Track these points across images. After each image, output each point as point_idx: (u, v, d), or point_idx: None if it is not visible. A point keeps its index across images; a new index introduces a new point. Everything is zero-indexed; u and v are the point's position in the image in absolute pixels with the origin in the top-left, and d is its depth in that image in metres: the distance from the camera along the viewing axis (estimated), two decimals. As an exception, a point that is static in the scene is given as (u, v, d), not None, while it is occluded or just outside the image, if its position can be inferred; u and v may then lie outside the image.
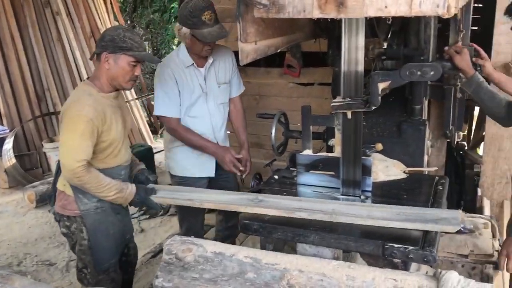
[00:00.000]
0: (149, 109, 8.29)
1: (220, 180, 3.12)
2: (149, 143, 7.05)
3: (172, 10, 10.60)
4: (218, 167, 3.05)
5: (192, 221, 3.19)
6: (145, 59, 2.43)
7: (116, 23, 7.87)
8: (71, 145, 2.25)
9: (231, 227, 3.35)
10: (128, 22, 11.90)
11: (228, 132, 3.25)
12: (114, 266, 2.56)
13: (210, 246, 1.93)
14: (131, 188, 2.43)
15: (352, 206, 2.07)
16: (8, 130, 5.78)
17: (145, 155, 5.47)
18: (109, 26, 7.20)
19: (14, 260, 3.96)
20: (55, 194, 2.52)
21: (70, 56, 6.60)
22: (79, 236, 2.45)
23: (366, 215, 1.95)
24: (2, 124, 5.92)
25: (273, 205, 2.12)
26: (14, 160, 5.60)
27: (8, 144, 5.59)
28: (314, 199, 2.18)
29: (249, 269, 1.80)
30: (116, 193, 2.36)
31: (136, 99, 7.31)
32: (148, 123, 7.75)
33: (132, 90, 7.29)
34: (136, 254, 2.84)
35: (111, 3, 7.51)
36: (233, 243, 3.49)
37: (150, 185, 2.56)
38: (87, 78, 2.47)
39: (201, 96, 2.94)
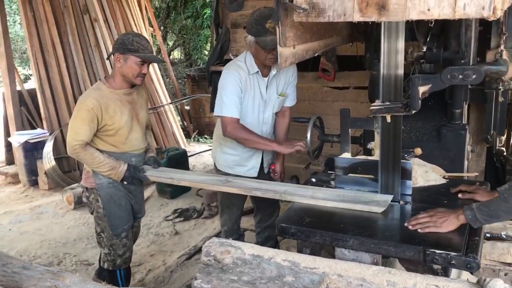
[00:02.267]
0: (182, 113, 8.40)
1: None
2: (182, 146, 7.14)
3: (205, 16, 10.71)
4: (260, 173, 3.20)
5: (229, 212, 3.36)
6: (149, 60, 2.82)
7: (151, 29, 8.03)
8: (73, 128, 2.75)
9: (270, 227, 3.38)
10: (161, 28, 12.11)
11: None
12: (127, 232, 3.03)
13: (248, 249, 1.93)
14: (123, 166, 2.85)
15: (300, 188, 2.41)
16: (48, 134, 5.97)
17: (180, 158, 5.56)
18: (144, 31, 7.35)
19: (55, 260, 4.08)
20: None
21: (107, 61, 6.75)
22: (96, 205, 2.97)
23: (309, 195, 2.24)
24: (43, 128, 6.12)
25: (236, 185, 2.59)
26: (53, 163, 5.77)
27: (48, 147, 5.77)
28: (273, 182, 2.64)
29: (288, 272, 1.80)
30: (109, 169, 2.82)
31: (170, 103, 7.42)
32: (181, 127, 7.85)
33: (167, 95, 7.41)
34: (136, 235, 3.30)
35: (146, 9, 7.66)
36: (276, 243, 3.55)
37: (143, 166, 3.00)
38: (104, 77, 2.92)
39: (260, 104, 3.03)
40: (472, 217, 1.83)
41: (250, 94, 2.96)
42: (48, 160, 5.72)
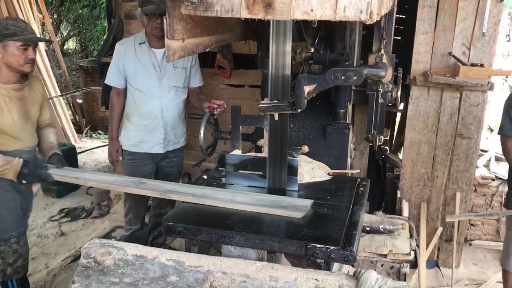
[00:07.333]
0: (74, 107, 7.93)
1: (166, 168, 3.41)
2: (73, 142, 6.74)
3: (102, 6, 10.22)
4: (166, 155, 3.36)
5: (135, 199, 3.35)
6: (31, 41, 2.57)
7: (40, 16, 7.48)
8: None
9: (163, 215, 3.36)
10: (55, 16, 11.35)
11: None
12: (17, 238, 2.74)
13: (131, 249, 1.86)
14: (17, 160, 2.56)
15: (220, 191, 2.24)
16: None
17: (68, 154, 5.21)
18: (31, 17, 6.81)
19: None
20: None
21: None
22: None
23: (229, 199, 2.11)
24: None
25: (149, 187, 2.37)
26: None
27: None
28: (189, 185, 2.38)
29: (172, 272, 1.76)
30: (3, 165, 2.52)
31: (60, 96, 6.96)
32: (72, 122, 7.41)
33: (56, 86, 6.94)
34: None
35: (34, -6, 7.11)
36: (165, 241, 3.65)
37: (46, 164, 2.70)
38: None
39: (154, 75, 3.15)
40: None
41: (140, 63, 3.14)
42: None
